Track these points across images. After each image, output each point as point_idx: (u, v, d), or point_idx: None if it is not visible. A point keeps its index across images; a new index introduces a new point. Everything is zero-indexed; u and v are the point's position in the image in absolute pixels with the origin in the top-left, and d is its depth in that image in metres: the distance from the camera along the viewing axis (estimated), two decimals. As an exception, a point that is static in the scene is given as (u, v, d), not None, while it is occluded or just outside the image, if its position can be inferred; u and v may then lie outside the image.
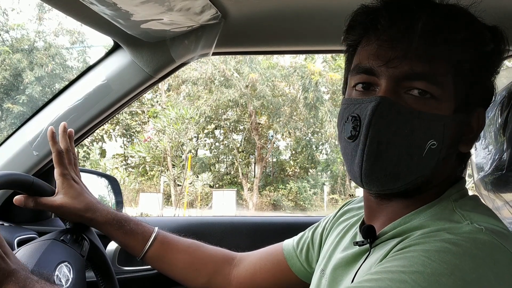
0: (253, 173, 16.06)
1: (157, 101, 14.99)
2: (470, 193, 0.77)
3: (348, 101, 0.74)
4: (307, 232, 1.08)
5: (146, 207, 12.64)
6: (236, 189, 14.67)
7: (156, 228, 1.15)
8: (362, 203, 0.96)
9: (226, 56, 11.48)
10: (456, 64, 0.70)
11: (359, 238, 0.78)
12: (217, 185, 15.48)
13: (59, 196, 1.04)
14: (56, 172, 1.06)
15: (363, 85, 0.73)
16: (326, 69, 14.45)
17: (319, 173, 16.08)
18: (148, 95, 14.97)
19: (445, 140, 0.69)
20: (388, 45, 0.69)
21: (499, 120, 0.94)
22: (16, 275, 0.72)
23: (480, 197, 0.96)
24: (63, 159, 1.06)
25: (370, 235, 0.75)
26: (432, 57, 0.68)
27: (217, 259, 1.15)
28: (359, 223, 0.87)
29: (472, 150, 1.08)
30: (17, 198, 1.01)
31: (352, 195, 14.37)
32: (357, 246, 0.78)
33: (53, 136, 1.05)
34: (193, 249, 1.15)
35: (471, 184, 1.09)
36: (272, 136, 15.93)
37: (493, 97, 0.76)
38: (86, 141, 13.93)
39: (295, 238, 1.10)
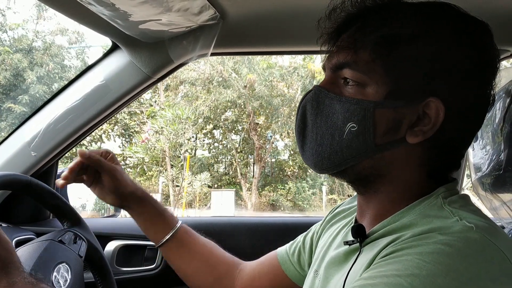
0: (251, 173, 16.05)
1: (155, 101, 14.98)
2: (468, 193, 0.77)
3: None
4: (299, 238, 1.11)
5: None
6: (234, 189, 14.65)
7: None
8: (354, 203, 0.98)
9: (224, 56, 11.49)
10: (378, 50, 0.71)
11: (350, 237, 0.79)
12: (215, 186, 15.48)
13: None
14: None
15: None
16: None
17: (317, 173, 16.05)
18: (146, 95, 14.95)
19: (368, 124, 0.71)
20: (328, 43, 0.79)
21: (497, 121, 0.94)
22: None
23: (477, 198, 0.97)
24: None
25: (359, 234, 0.76)
26: (354, 46, 0.73)
27: (229, 261, 1.17)
28: (352, 222, 0.88)
29: (470, 150, 1.09)
30: (82, 151, 1.00)
31: (350, 195, 14.29)
32: (348, 245, 0.79)
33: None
34: (210, 246, 1.17)
35: (469, 184, 1.09)
36: (270, 136, 15.93)
37: (476, 95, 0.73)
38: (85, 141, 13.91)
39: (288, 244, 1.13)
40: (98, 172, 1.05)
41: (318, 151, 0.76)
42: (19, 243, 1.16)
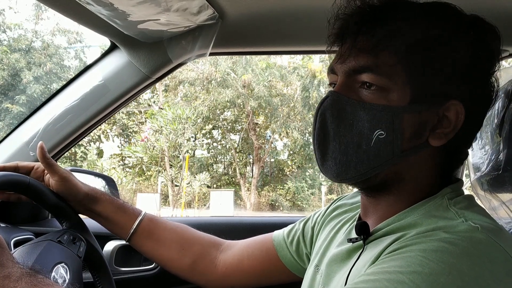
0: (251, 173, 16.05)
1: (154, 101, 14.98)
2: (466, 192, 0.77)
3: None
4: (298, 224, 1.09)
5: (144, 207, 12.56)
6: (233, 189, 14.66)
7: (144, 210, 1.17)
8: (356, 199, 0.98)
9: (218, 57, 11.49)
10: (402, 53, 0.70)
11: (354, 234, 0.79)
12: (215, 186, 15.48)
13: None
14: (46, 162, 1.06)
15: (333, 85, 0.79)
16: (324, 69, 14.44)
17: (316, 173, 16.06)
18: (145, 95, 14.96)
19: (397, 130, 0.70)
20: (340, 44, 0.75)
21: (496, 121, 0.94)
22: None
23: (476, 197, 0.96)
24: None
25: (363, 232, 0.76)
26: (376, 48, 0.70)
27: (204, 242, 1.16)
28: (355, 219, 0.88)
29: (469, 150, 1.09)
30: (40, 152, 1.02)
31: (349, 195, 14.25)
32: (351, 243, 0.79)
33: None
34: (181, 229, 1.17)
35: (468, 184, 1.09)
36: (269, 136, 15.93)
37: (487, 95, 0.74)
38: (84, 141, 13.91)
39: (285, 229, 1.11)
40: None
41: (342, 161, 0.73)
42: (18, 243, 1.16)
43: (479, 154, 1.02)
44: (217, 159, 16.65)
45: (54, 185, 1.05)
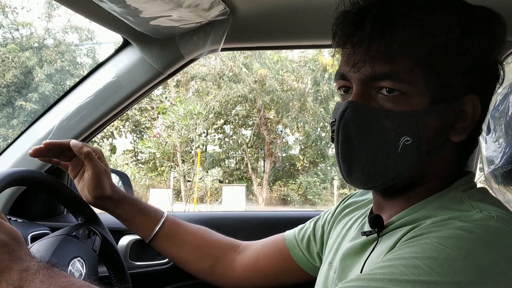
0: (262, 168, 16.06)
1: (166, 97, 15.03)
2: (480, 185, 0.77)
3: (336, 104, 0.78)
4: (308, 223, 1.10)
5: (157, 202, 12.68)
6: (245, 184, 14.68)
7: (166, 211, 1.18)
8: (366, 196, 0.98)
9: (235, 52, 11.47)
10: (420, 58, 0.69)
11: (367, 228, 0.79)
12: (227, 181, 15.52)
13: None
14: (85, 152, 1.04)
15: (344, 89, 0.77)
16: (335, 63, 14.34)
17: (328, 167, 15.99)
18: (157, 91, 15.01)
19: (422, 134, 0.69)
20: (351, 51, 0.72)
21: (510, 113, 0.93)
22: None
23: (490, 191, 0.96)
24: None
25: (377, 225, 0.76)
26: (391, 55, 0.69)
27: (223, 245, 1.17)
28: (367, 214, 0.88)
29: (483, 143, 1.08)
30: (75, 142, 1.00)
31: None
32: (365, 236, 0.79)
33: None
34: (201, 233, 1.18)
35: (482, 177, 1.08)
36: (281, 131, 15.91)
37: (496, 82, 0.74)
38: (97, 138, 14.02)
39: (296, 229, 1.12)
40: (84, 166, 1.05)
41: (370, 170, 0.72)
42: (34, 238, 1.18)
43: (492, 147, 1.01)
44: (229, 154, 16.68)
45: (85, 179, 1.04)
